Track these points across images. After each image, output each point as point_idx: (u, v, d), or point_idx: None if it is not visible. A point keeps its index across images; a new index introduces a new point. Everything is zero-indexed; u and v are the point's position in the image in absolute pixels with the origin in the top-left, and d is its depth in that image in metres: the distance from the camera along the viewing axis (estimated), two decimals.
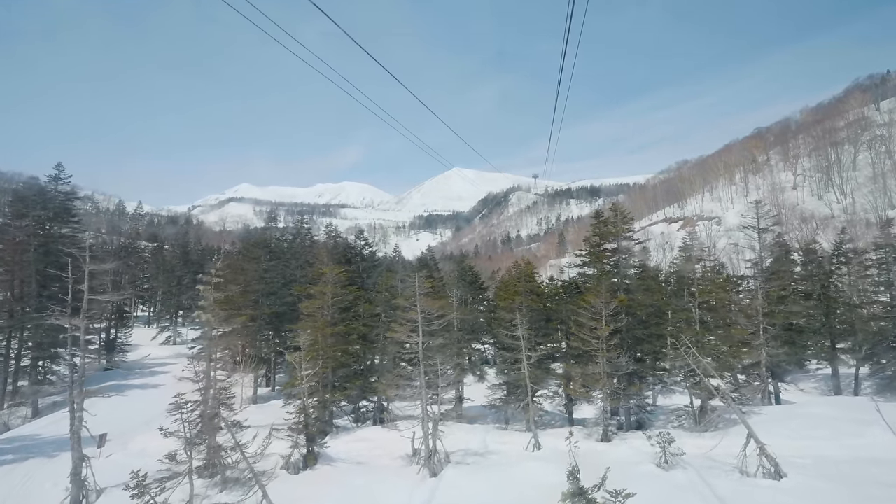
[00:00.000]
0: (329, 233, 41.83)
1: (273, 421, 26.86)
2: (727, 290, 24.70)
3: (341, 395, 21.63)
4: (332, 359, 20.97)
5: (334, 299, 22.31)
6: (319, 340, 20.90)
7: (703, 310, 21.92)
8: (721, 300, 22.67)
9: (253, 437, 17.13)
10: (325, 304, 22.08)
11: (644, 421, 22.82)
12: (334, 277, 22.54)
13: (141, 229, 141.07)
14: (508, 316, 22.00)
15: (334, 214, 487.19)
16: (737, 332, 22.55)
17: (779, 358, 26.46)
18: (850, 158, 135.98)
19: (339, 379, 22.24)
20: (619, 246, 26.18)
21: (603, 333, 19.94)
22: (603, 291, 20.44)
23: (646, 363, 22.55)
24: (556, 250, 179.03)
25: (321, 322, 21.05)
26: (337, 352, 21.20)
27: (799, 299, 30.41)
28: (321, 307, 22.00)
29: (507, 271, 39.65)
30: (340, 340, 21.82)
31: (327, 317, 21.91)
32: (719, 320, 22.71)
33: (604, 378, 20.12)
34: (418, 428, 17.41)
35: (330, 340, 21.14)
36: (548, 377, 23.14)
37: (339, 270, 23.34)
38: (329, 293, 22.16)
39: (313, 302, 22.24)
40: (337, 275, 22.75)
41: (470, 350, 26.08)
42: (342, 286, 24.15)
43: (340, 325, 22.20)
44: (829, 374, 37.45)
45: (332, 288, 22.32)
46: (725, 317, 22.48)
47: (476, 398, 28.55)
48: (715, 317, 22.56)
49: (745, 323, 25.34)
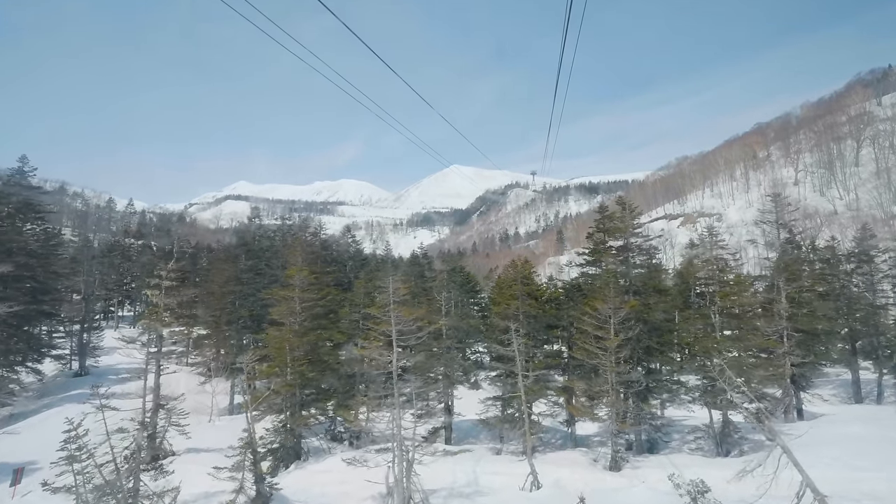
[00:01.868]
0: (302, 228, 38.95)
1: (240, 438, 24.24)
2: (750, 293, 22.01)
3: (310, 415, 18.84)
4: (300, 373, 18.24)
5: (303, 304, 19.54)
6: (286, 352, 18.15)
7: (724, 316, 19.27)
8: (744, 304, 20.01)
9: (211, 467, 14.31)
10: (293, 310, 19.32)
11: (656, 441, 20.19)
12: (302, 280, 19.73)
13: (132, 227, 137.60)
14: (503, 324, 19.28)
15: (332, 212, 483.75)
16: (761, 342, 19.87)
17: (803, 368, 23.85)
18: (853, 154, 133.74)
19: (309, 396, 19.50)
20: (627, 243, 23.50)
21: (611, 344, 17.25)
22: (611, 295, 17.73)
23: (660, 377, 19.89)
24: (554, 248, 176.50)
25: (286, 331, 18.32)
26: (305, 365, 18.47)
27: (819, 300, 27.77)
28: (289, 313, 19.25)
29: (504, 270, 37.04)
30: (311, 352, 19.08)
31: (295, 325, 19.17)
32: (742, 327, 20.02)
33: (612, 395, 17.43)
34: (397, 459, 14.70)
35: (297, 352, 18.42)
36: (548, 390, 20.45)
37: (308, 272, 20.54)
38: (297, 298, 19.38)
39: (279, 308, 19.50)
40: (305, 276, 19.94)
41: (461, 360, 23.40)
42: (315, 289, 21.35)
43: (311, 333, 19.45)
44: (847, 379, 35.05)
45: (300, 292, 19.53)
46: (750, 323, 19.83)
47: (468, 410, 25.84)
48: (738, 323, 19.88)
49: (766, 329, 22.65)
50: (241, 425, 22.83)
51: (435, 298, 22.42)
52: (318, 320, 20.83)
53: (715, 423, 19.45)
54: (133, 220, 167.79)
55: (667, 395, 19.58)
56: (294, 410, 18.40)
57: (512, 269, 23.75)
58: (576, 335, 20.20)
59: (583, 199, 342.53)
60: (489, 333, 22.51)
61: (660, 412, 24.62)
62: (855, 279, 33.73)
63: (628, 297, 20.67)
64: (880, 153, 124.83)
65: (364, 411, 21.69)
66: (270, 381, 18.35)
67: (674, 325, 23.66)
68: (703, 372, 19.14)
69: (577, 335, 20.25)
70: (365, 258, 44.67)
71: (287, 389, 17.57)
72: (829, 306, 28.06)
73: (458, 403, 25.51)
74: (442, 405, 22.64)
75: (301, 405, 18.73)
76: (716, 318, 19.25)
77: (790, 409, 22.75)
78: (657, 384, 19.56)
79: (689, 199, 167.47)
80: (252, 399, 16.75)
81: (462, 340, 27.22)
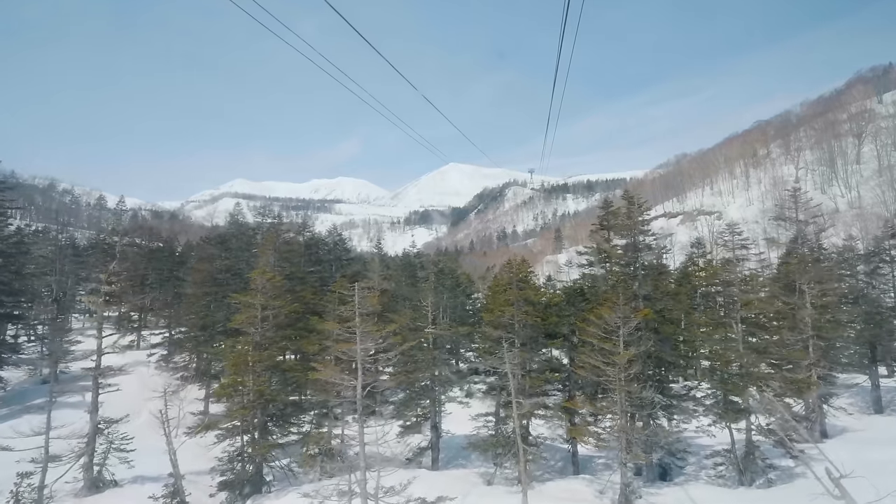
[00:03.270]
0: (275, 226, 36.28)
1: (207, 457, 21.70)
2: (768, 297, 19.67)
3: (272, 443, 16.28)
4: (260, 392, 15.79)
5: (266, 313, 17.05)
6: (248, 367, 15.68)
7: (748, 325, 16.91)
8: (766, 311, 17.67)
9: None
10: (255, 319, 16.84)
11: (670, 467, 17.84)
12: (265, 284, 17.20)
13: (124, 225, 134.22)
14: (496, 333, 16.87)
15: (329, 210, 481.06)
16: (787, 353, 17.53)
17: (831, 379, 21.56)
18: (854, 151, 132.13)
19: (272, 418, 16.99)
20: (634, 241, 21.09)
21: (621, 359, 14.85)
22: (620, 302, 15.33)
23: (674, 394, 17.51)
24: (552, 246, 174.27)
25: (244, 343, 15.87)
26: (267, 383, 16.02)
27: (842, 305, 25.46)
28: (251, 322, 16.79)
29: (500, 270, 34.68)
30: (275, 367, 16.64)
31: (257, 335, 16.69)
32: (766, 337, 17.68)
33: (621, 419, 15.04)
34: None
35: (259, 367, 15.99)
36: (546, 408, 18.05)
37: (272, 276, 18.01)
38: (258, 305, 16.90)
39: (240, 316, 17.03)
40: (269, 280, 17.40)
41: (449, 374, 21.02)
42: (287, 294, 18.86)
43: (274, 346, 17.01)
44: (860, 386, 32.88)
45: (264, 298, 17.04)
46: (775, 332, 17.53)
47: (460, 424, 23.38)
48: (762, 334, 17.53)
49: (789, 338, 20.31)
50: (212, 440, 20.47)
51: (421, 304, 20.04)
52: (284, 330, 18.36)
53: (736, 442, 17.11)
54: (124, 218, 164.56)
55: (682, 417, 17.25)
56: (254, 435, 15.98)
57: (507, 271, 21.33)
58: (579, 346, 17.82)
59: (581, 197, 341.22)
60: (482, 342, 20.11)
61: (667, 427, 22.35)
62: (874, 280, 31.54)
63: (636, 302, 18.29)
64: (882, 151, 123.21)
65: (339, 431, 19.30)
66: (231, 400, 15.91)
67: (688, 333, 21.33)
68: (723, 388, 16.80)
69: (580, 346, 17.88)
70: (352, 258, 42.25)
71: (242, 413, 15.14)
72: (855, 311, 25.76)
73: (448, 418, 23.10)
74: (428, 425, 20.24)
75: (263, 429, 16.27)
76: (737, 327, 16.89)
77: (816, 426, 20.44)
78: (672, 404, 17.19)
79: (689, 197, 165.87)
80: (207, 424, 14.29)
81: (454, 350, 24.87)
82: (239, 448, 15.57)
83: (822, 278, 23.61)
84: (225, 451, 15.64)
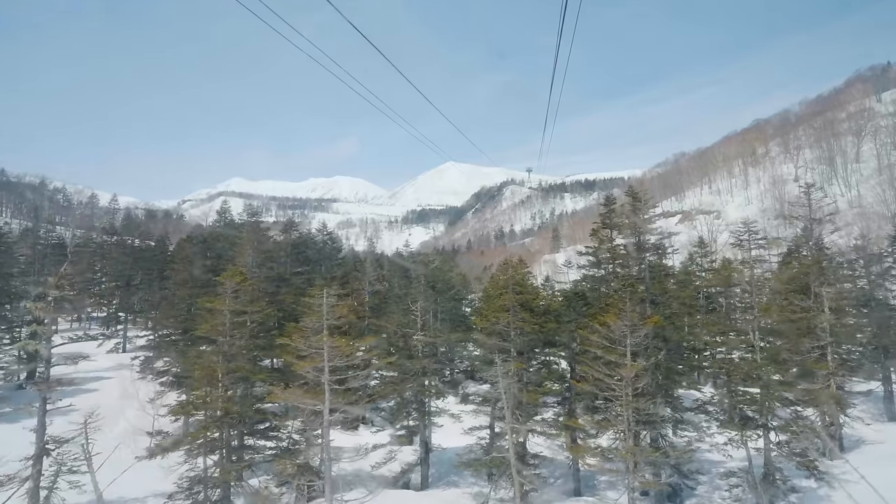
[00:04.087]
0: (254, 225, 34.48)
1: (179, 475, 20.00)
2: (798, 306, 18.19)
3: (242, 465, 14.64)
4: (226, 410, 14.17)
5: (236, 319, 15.44)
6: (216, 379, 14.07)
7: (764, 332, 15.43)
8: (785, 318, 16.21)
9: None
10: (223, 326, 15.23)
11: (680, 488, 16.34)
12: (235, 288, 15.56)
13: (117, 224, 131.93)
14: (490, 342, 15.32)
15: (326, 209, 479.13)
16: (811, 364, 16.06)
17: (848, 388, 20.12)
18: (854, 150, 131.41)
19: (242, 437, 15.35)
20: (640, 241, 19.59)
21: (628, 373, 13.32)
22: (627, 309, 13.79)
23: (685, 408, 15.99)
24: (550, 245, 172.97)
25: (209, 354, 14.27)
26: (233, 398, 14.39)
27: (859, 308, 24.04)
28: (217, 330, 15.18)
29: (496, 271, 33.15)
30: (244, 380, 15.03)
31: (225, 345, 15.08)
32: (784, 344, 16.20)
33: (628, 439, 13.52)
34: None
35: (227, 380, 14.39)
36: (545, 425, 16.52)
37: (243, 278, 16.36)
38: (227, 311, 15.27)
39: (206, 324, 15.43)
40: (238, 283, 15.75)
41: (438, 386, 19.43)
42: (264, 298, 17.24)
43: (244, 357, 15.38)
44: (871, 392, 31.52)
45: (234, 303, 15.41)
46: (798, 340, 16.07)
47: (452, 437, 21.81)
48: (780, 341, 16.05)
49: (807, 345, 18.83)
50: (181, 458, 18.74)
51: (410, 308, 18.45)
52: (258, 339, 16.71)
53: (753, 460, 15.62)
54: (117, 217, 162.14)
55: (694, 434, 15.74)
56: (223, 454, 14.38)
57: (503, 273, 19.78)
58: (580, 355, 16.29)
59: (579, 196, 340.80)
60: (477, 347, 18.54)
61: (677, 444, 20.83)
62: (887, 281, 30.17)
63: (643, 307, 16.76)
64: (882, 149, 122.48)
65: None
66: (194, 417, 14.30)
67: (694, 339, 19.82)
68: (737, 401, 15.31)
69: (581, 355, 16.35)
70: (342, 258, 40.58)
71: (204, 434, 13.51)
72: (876, 315, 24.32)
73: (440, 431, 21.49)
74: (416, 439, 18.68)
75: (230, 448, 14.66)
76: (755, 335, 15.38)
77: (835, 440, 18.99)
78: (682, 419, 15.68)
79: (687, 195, 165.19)
80: (165, 444, 12.67)
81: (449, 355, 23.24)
82: (201, 472, 13.94)
83: (839, 280, 22.15)
84: (184, 476, 14.02)
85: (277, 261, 35.07)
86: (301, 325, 11.46)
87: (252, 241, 25.18)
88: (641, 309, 16.12)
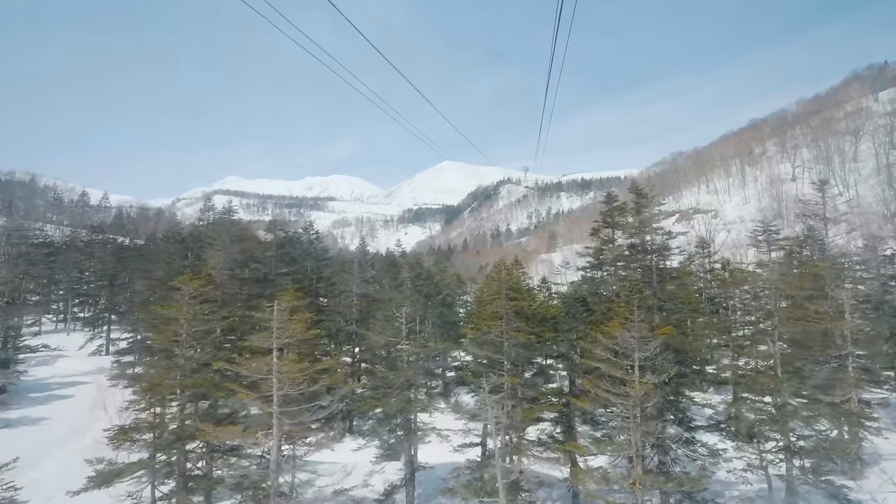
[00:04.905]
0: (225, 221, 32.69)
1: None
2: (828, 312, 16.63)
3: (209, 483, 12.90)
4: (177, 434, 12.41)
5: (194, 331, 13.67)
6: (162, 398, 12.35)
7: (788, 343, 13.90)
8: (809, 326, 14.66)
9: None
10: (179, 336, 13.45)
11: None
12: (193, 293, 13.76)
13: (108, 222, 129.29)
14: (481, 353, 13.70)
15: (322, 208, 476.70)
16: (832, 375, 14.54)
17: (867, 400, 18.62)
18: (852, 150, 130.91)
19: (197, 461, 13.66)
20: (645, 241, 18.01)
21: (637, 392, 11.71)
22: (634, 318, 12.19)
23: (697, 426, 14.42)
24: (546, 245, 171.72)
25: (162, 367, 12.53)
26: (193, 416, 12.70)
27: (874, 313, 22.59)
28: (176, 341, 13.44)
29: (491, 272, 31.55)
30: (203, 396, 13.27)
31: (181, 359, 13.32)
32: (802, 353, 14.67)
33: (637, 464, 11.92)
34: None
35: (183, 398, 12.69)
36: (542, 444, 14.91)
37: (202, 283, 14.55)
38: (184, 319, 13.49)
39: (158, 335, 13.68)
40: (198, 287, 13.94)
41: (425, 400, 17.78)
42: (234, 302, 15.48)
43: (204, 370, 13.59)
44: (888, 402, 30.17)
45: (190, 310, 13.63)
46: (822, 350, 14.58)
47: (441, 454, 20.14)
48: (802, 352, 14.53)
49: (825, 355, 17.29)
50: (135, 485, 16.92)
51: (394, 315, 16.79)
52: (221, 351, 14.89)
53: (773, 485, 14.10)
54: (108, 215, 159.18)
55: (708, 457, 14.18)
56: (178, 481, 12.68)
57: (497, 275, 18.15)
58: (580, 366, 14.68)
59: (575, 195, 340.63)
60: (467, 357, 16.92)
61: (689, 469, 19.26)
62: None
63: (652, 315, 15.17)
64: (880, 149, 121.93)
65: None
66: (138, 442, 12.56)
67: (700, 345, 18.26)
68: (755, 420, 13.77)
69: (580, 364, 14.75)
70: (330, 258, 38.83)
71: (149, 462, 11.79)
72: (889, 319, 22.89)
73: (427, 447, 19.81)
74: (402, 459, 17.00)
75: (185, 476, 12.94)
76: (774, 346, 13.85)
77: (859, 458, 17.50)
78: (693, 439, 14.11)
79: (685, 195, 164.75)
80: (105, 475, 10.90)
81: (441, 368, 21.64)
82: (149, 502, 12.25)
83: (856, 282, 20.65)
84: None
85: (263, 261, 33.32)
86: (248, 345, 9.78)
87: (224, 240, 23.36)
88: (649, 317, 14.54)
